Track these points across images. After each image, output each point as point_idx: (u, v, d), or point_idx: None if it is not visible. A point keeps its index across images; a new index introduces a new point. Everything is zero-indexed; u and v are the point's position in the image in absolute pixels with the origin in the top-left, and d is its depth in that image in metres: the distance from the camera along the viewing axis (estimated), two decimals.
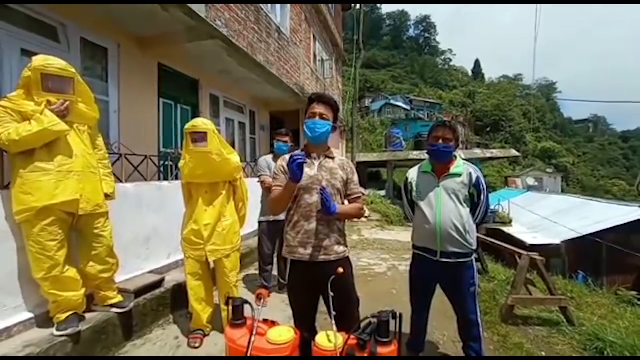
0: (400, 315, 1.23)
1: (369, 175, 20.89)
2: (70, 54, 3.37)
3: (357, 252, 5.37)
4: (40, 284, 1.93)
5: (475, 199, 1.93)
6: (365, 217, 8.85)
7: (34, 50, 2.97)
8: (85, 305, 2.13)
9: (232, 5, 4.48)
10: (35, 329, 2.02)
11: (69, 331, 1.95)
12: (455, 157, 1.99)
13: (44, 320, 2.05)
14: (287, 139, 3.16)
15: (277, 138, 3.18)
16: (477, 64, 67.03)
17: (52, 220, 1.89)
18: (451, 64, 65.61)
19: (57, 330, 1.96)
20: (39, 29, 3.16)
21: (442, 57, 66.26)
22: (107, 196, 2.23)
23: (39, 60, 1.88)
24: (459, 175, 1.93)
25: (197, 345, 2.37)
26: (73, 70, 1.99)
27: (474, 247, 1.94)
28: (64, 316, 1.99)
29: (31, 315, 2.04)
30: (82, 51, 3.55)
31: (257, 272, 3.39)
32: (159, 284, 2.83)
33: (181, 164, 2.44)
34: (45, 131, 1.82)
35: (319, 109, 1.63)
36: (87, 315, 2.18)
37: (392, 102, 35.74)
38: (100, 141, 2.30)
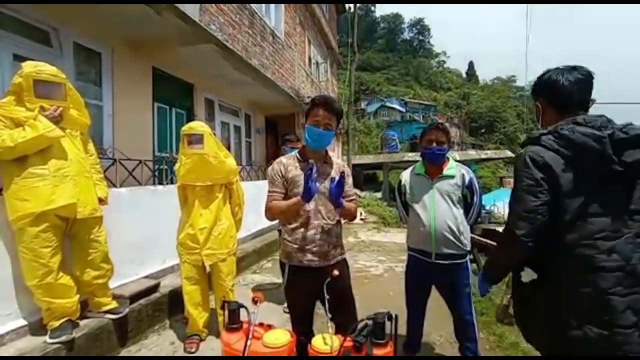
0: (396, 316, 1.24)
1: (365, 177, 20.94)
2: (63, 58, 3.36)
3: (353, 254, 5.37)
4: (33, 291, 1.91)
5: (468, 199, 1.95)
6: (362, 219, 8.86)
7: (26, 55, 2.95)
8: (79, 312, 2.11)
9: (226, 9, 4.50)
10: (28, 336, 2.00)
11: (62, 338, 1.93)
12: (448, 158, 2.01)
13: (37, 327, 2.03)
14: (299, 145, 3.12)
15: (289, 145, 3.06)
16: (470, 65, 67.72)
17: (46, 226, 1.87)
18: (445, 65, 66.21)
19: (51, 337, 1.93)
20: (31, 34, 3.14)
21: (437, 59, 66.84)
22: (101, 201, 2.23)
23: (29, 67, 1.87)
24: (452, 177, 1.94)
25: (193, 350, 2.35)
26: (64, 76, 2.00)
27: (468, 248, 1.96)
28: (57, 323, 1.97)
29: (24, 322, 2.01)
30: (75, 56, 3.53)
31: (253, 275, 3.38)
32: (154, 289, 2.81)
33: (177, 166, 2.44)
34: (41, 137, 1.82)
35: (324, 117, 1.55)
36: (81, 322, 2.16)
37: (387, 104, 35.89)
38: (91, 146, 2.30)
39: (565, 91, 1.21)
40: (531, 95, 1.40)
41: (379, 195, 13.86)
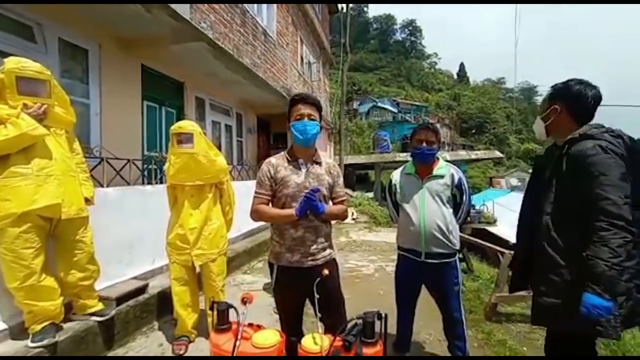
0: (386, 315, 1.24)
1: (357, 177, 21.01)
2: (48, 54, 3.27)
3: (344, 253, 5.38)
4: (14, 293, 1.85)
5: (457, 199, 1.97)
6: (353, 219, 8.88)
7: (8, 51, 2.87)
8: (63, 315, 2.05)
9: (217, 7, 4.45)
10: (9, 340, 1.93)
11: (44, 342, 1.87)
12: (438, 158, 2.03)
13: (18, 331, 1.97)
14: None
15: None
16: (461, 67, 68.54)
17: (28, 227, 1.82)
18: (437, 67, 66.91)
19: (32, 341, 1.87)
20: (13, 29, 3.04)
21: (428, 61, 67.53)
22: (87, 200, 2.18)
23: (12, 63, 1.82)
24: (442, 176, 1.96)
25: (181, 351, 2.32)
26: (48, 72, 1.95)
27: (457, 247, 1.98)
28: (39, 327, 1.91)
29: (5, 326, 1.95)
30: (61, 52, 3.44)
31: (244, 275, 3.36)
32: (142, 290, 2.76)
33: (166, 166, 2.40)
34: (24, 135, 1.76)
35: (305, 109, 1.60)
36: (65, 325, 2.11)
37: (379, 104, 36.06)
38: (77, 145, 2.24)
39: (589, 105, 1.41)
40: (549, 96, 1.51)
41: (370, 195, 13.91)
